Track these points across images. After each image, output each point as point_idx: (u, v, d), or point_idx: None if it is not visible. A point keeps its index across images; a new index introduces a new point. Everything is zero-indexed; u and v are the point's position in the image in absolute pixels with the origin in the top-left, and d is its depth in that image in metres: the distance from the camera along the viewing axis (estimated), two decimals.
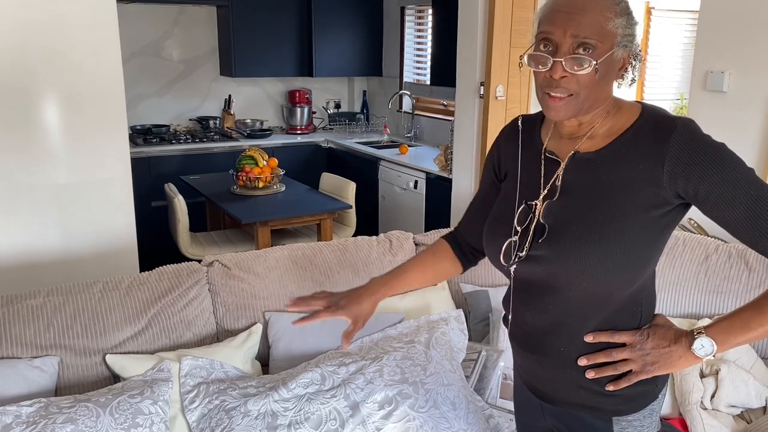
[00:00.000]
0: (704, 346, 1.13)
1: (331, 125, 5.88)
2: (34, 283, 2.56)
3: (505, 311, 1.36)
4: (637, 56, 1.18)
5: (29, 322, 1.91)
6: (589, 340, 1.20)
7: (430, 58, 4.78)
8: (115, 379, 1.96)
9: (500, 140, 1.38)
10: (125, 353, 1.98)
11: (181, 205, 3.70)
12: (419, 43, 5.40)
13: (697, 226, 2.71)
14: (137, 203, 3.05)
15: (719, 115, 2.71)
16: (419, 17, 5.37)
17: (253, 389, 1.89)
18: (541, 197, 1.23)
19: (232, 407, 1.81)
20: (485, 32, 3.66)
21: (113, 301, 2.03)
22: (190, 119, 5.41)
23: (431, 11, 4.60)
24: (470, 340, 2.28)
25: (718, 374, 2.08)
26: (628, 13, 1.14)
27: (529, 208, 1.25)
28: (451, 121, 4.45)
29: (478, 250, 1.46)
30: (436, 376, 1.97)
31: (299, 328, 2.14)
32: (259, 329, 2.15)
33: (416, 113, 5.43)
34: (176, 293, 2.11)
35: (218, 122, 5.40)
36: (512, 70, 3.70)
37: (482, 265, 1.52)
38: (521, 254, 1.23)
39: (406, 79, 5.58)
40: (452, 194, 4.06)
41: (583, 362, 1.21)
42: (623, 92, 1.17)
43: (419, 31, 5.39)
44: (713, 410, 2.06)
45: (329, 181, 4.33)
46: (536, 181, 1.25)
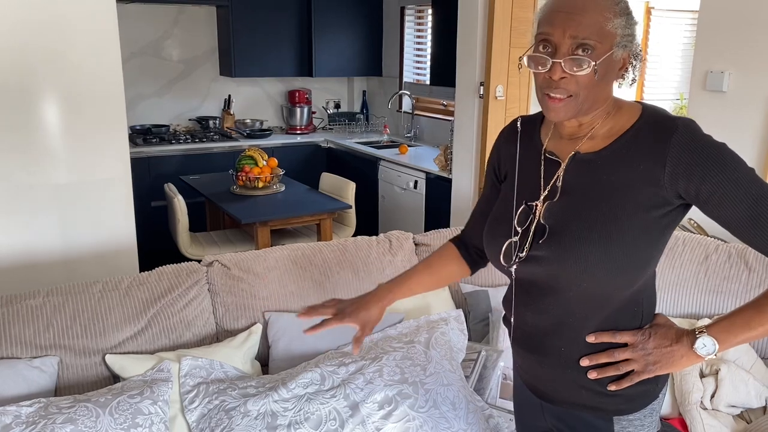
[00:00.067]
0: (706, 345, 1.13)
1: (330, 125, 5.88)
2: (33, 283, 2.56)
3: (505, 311, 1.36)
4: (637, 56, 1.18)
5: (29, 322, 1.91)
6: (590, 340, 1.20)
7: (429, 58, 4.78)
8: (114, 379, 1.96)
9: (500, 142, 1.38)
10: (125, 353, 1.98)
11: (180, 205, 3.70)
12: (419, 43, 5.40)
13: (696, 226, 2.71)
14: (137, 203, 3.05)
15: (719, 115, 2.71)
16: (419, 17, 5.37)
17: (252, 389, 1.89)
18: (541, 198, 1.23)
19: (231, 407, 1.81)
20: (485, 32, 3.66)
21: (113, 301, 2.03)
22: (189, 119, 5.41)
23: (431, 11, 4.60)
24: (470, 340, 2.28)
25: (717, 374, 2.08)
26: (627, 13, 1.14)
27: (529, 208, 1.25)
28: (450, 121, 4.45)
29: (484, 252, 1.47)
30: (435, 376, 1.97)
31: (299, 328, 2.15)
32: (258, 329, 2.15)
33: (416, 113, 5.43)
34: (176, 293, 2.11)
35: (218, 122, 5.40)
36: (512, 70, 3.70)
37: None
38: (521, 255, 1.23)
39: (405, 79, 5.58)
40: (452, 194, 4.06)
41: (585, 363, 1.21)
42: (623, 92, 1.17)
43: (419, 31, 5.39)
44: (713, 410, 2.06)
45: (329, 181, 4.33)
46: (536, 181, 1.25)
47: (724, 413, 2.05)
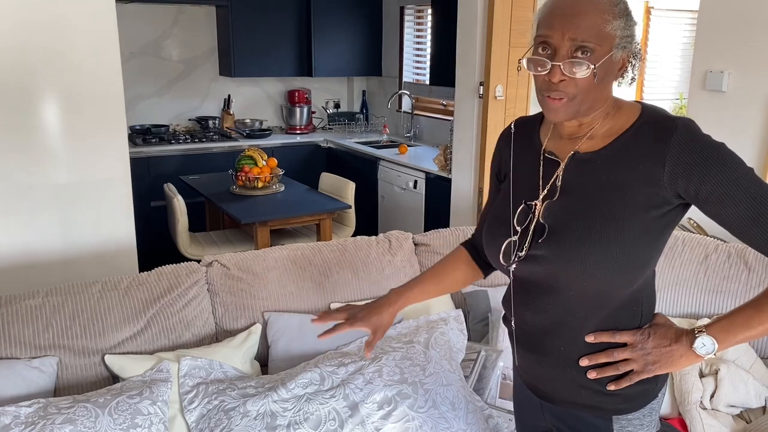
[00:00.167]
0: (705, 344, 1.13)
1: (330, 125, 5.88)
2: (33, 283, 2.56)
3: (505, 311, 1.36)
4: (636, 55, 1.18)
5: (28, 322, 1.91)
6: (590, 340, 1.20)
7: (429, 57, 4.78)
8: (114, 379, 1.95)
9: (500, 144, 1.39)
10: (124, 353, 1.98)
11: (180, 205, 3.70)
12: (418, 42, 5.40)
13: (696, 225, 2.71)
14: (136, 203, 3.04)
15: (718, 114, 2.71)
16: (418, 17, 5.37)
17: (252, 389, 1.88)
18: (540, 197, 1.23)
19: (231, 407, 1.81)
20: (484, 32, 3.66)
21: (112, 301, 2.03)
22: (189, 119, 5.41)
23: (430, 11, 4.60)
24: (469, 340, 2.28)
25: (717, 374, 2.08)
26: (626, 14, 1.14)
27: (528, 208, 1.25)
28: (450, 120, 4.44)
29: None
30: (435, 376, 1.97)
31: (298, 328, 2.16)
32: (258, 329, 2.15)
33: (416, 113, 5.43)
34: (175, 293, 2.10)
35: (217, 122, 5.40)
36: (511, 69, 3.70)
37: None
38: (521, 254, 1.23)
39: (405, 78, 5.58)
40: (452, 194, 4.06)
41: (584, 363, 1.21)
42: (622, 91, 1.17)
43: (418, 30, 5.39)
44: (712, 410, 2.06)
45: (328, 181, 4.33)
46: (536, 181, 1.26)
47: (723, 413, 2.05)
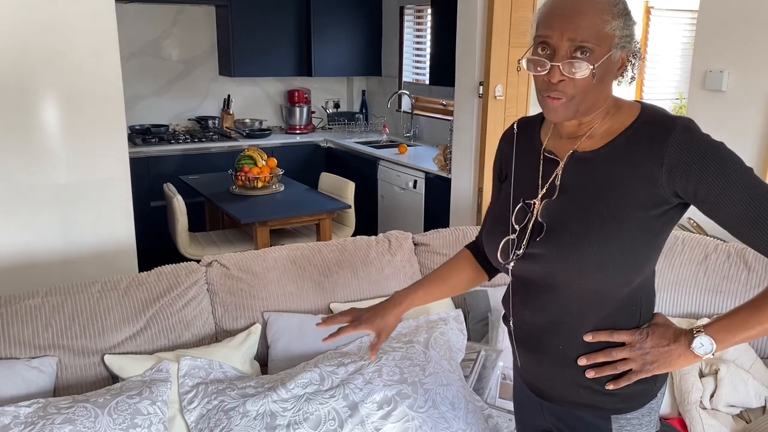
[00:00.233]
0: (704, 344, 1.13)
1: (330, 125, 5.88)
2: (33, 283, 2.56)
3: (504, 310, 1.36)
4: (636, 55, 1.18)
5: (27, 322, 1.91)
6: (588, 339, 1.20)
7: (429, 57, 4.78)
8: (113, 379, 1.95)
9: (502, 144, 1.40)
10: (124, 353, 1.98)
11: (180, 205, 3.70)
12: (418, 42, 5.40)
13: (696, 225, 2.71)
14: (136, 203, 3.04)
15: (718, 114, 2.71)
16: (418, 17, 5.37)
17: (251, 389, 1.88)
18: (539, 196, 1.24)
19: (230, 407, 1.81)
20: (484, 32, 3.66)
21: (112, 301, 2.03)
22: (189, 119, 5.41)
23: (430, 11, 4.60)
24: (469, 339, 2.28)
25: (717, 374, 2.08)
26: (625, 14, 1.14)
27: (527, 206, 1.25)
28: (450, 120, 4.44)
29: None
30: (435, 376, 1.97)
31: (298, 328, 2.16)
32: (257, 329, 2.15)
33: (415, 113, 5.43)
34: (175, 293, 2.10)
35: (217, 122, 5.40)
36: (511, 69, 3.70)
37: None
38: (519, 252, 1.23)
39: (405, 78, 5.58)
40: (451, 194, 4.06)
41: (582, 362, 1.21)
42: (622, 90, 1.17)
43: (418, 30, 5.38)
44: (712, 410, 2.06)
45: (328, 180, 4.33)
46: (535, 180, 1.26)
47: (723, 413, 2.05)
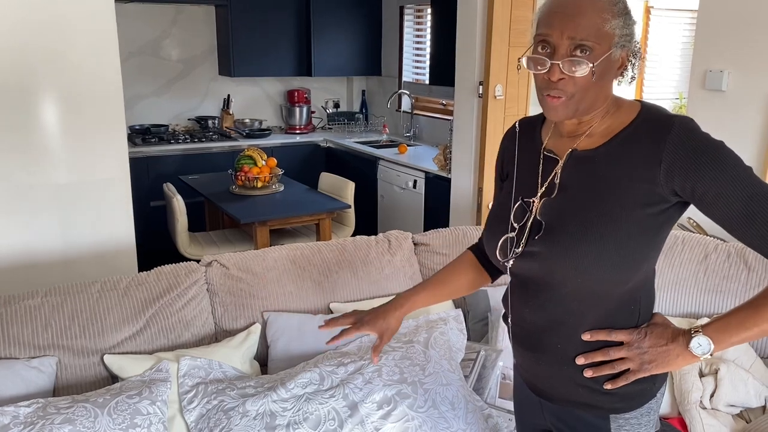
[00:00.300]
0: (701, 344, 1.12)
1: (330, 125, 5.88)
2: (33, 283, 2.56)
3: (504, 309, 1.37)
4: (636, 54, 1.18)
5: (27, 322, 1.91)
6: (586, 338, 1.20)
7: (429, 57, 4.78)
8: (113, 379, 1.95)
9: (504, 143, 1.40)
10: (123, 353, 1.97)
11: (179, 205, 3.70)
12: (418, 42, 5.40)
13: (696, 225, 2.71)
14: (136, 203, 3.04)
15: (718, 114, 2.71)
16: (418, 16, 5.36)
17: (251, 389, 1.88)
18: (538, 194, 1.24)
19: (230, 407, 1.81)
20: (484, 31, 3.66)
21: (111, 301, 2.03)
22: (188, 119, 5.41)
23: (430, 10, 4.60)
24: (469, 339, 2.28)
25: (717, 374, 2.08)
26: (626, 13, 1.14)
27: (526, 205, 1.26)
28: (450, 120, 4.44)
29: None
30: (434, 375, 1.96)
31: (298, 328, 2.16)
32: (257, 329, 2.15)
33: (415, 113, 5.43)
34: (174, 293, 2.10)
35: (217, 122, 5.40)
36: (511, 69, 3.70)
37: None
38: (517, 250, 1.24)
39: (405, 78, 5.58)
40: (451, 193, 4.06)
41: (580, 361, 1.21)
42: (622, 90, 1.18)
43: (418, 30, 5.38)
44: (712, 410, 2.06)
45: (328, 180, 4.32)
46: (535, 179, 1.26)
47: (723, 413, 2.05)
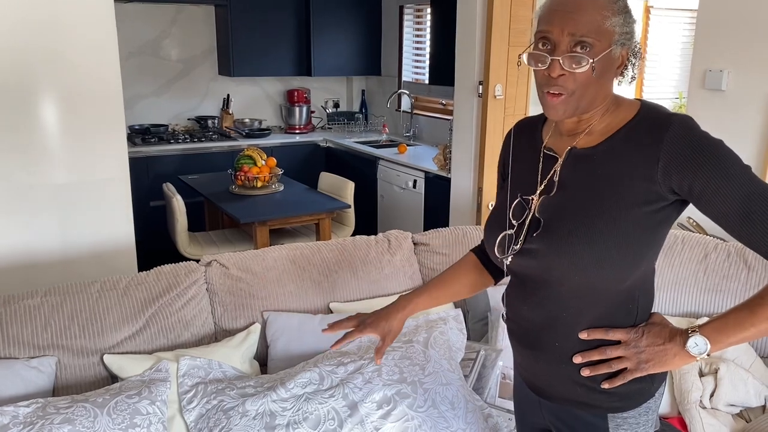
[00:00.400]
0: (698, 344, 1.12)
1: (329, 124, 5.88)
2: (32, 282, 2.55)
3: (504, 307, 1.37)
4: (636, 54, 1.19)
5: (27, 322, 1.91)
6: (583, 336, 1.20)
7: (428, 57, 4.77)
8: (112, 379, 1.95)
9: (506, 142, 1.41)
10: (123, 353, 1.97)
11: (179, 204, 3.70)
12: (418, 42, 5.40)
13: (696, 224, 2.71)
14: (135, 203, 3.04)
15: (718, 113, 2.71)
16: (418, 16, 5.36)
17: (251, 389, 1.88)
18: (537, 192, 1.25)
19: (230, 407, 1.81)
20: (484, 31, 3.66)
21: (111, 301, 2.02)
22: (188, 119, 5.41)
23: (430, 10, 4.60)
24: (469, 339, 2.28)
25: (717, 373, 2.08)
26: (625, 11, 1.15)
27: (525, 202, 1.26)
28: (449, 120, 4.44)
29: None
30: (434, 375, 1.96)
31: (297, 327, 2.15)
32: (257, 329, 2.15)
33: (415, 112, 5.43)
34: (174, 293, 2.10)
35: (217, 122, 5.39)
36: (511, 68, 3.70)
37: None
38: (515, 247, 1.24)
39: (404, 78, 5.58)
40: (451, 193, 4.06)
41: (577, 359, 1.21)
42: (622, 89, 1.18)
43: (418, 30, 5.38)
44: (712, 409, 2.06)
45: (328, 180, 4.32)
46: (534, 177, 1.27)
47: (723, 412, 2.05)
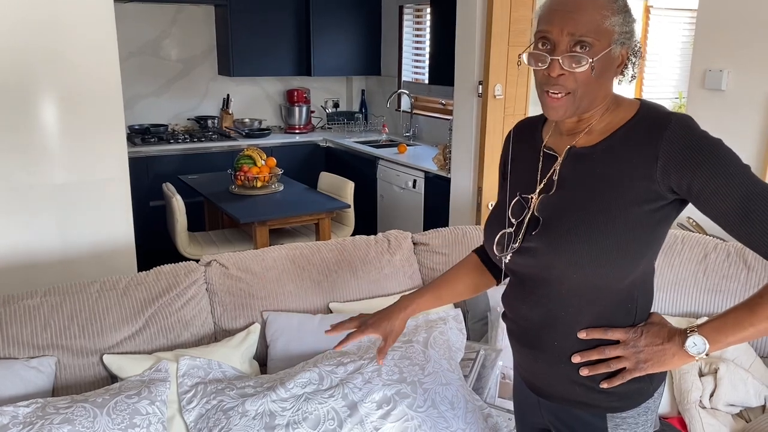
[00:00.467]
0: (696, 344, 1.12)
1: (329, 124, 5.87)
2: (32, 282, 2.55)
3: (504, 307, 1.37)
4: (636, 53, 1.19)
5: (26, 322, 1.91)
6: (582, 336, 1.20)
7: (428, 57, 4.77)
8: (112, 379, 1.95)
9: (507, 142, 1.41)
10: (122, 353, 1.97)
11: (179, 204, 3.69)
12: (417, 42, 5.40)
13: (695, 224, 2.71)
14: (135, 203, 3.04)
15: (718, 113, 2.71)
16: (417, 16, 5.36)
17: (250, 389, 1.88)
18: (536, 191, 1.25)
19: (229, 407, 1.81)
20: (483, 31, 3.65)
21: (111, 301, 2.02)
22: (188, 119, 5.40)
23: (429, 10, 4.60)
24: (469, 339, 2.28)
25: (716, 373, 2.08)
26: (625, 10, 1.15)
27: (524, 201, 1.27)
28: (449, 120, 4.44)
29: None
30: (434, 375, 1.96)
31: (297, 327, 2.15)
32: (257, 329, 2.15)
33: (415, 112, 5.43)
34: (174, 293, 2.10)
35: (216, 122, 5.39)
36: (511, 68, 3.70)
37: None
38: (514, 246, 1.24)
39: (404, 78, 5.57)
40: (451, 193, 4.06)
41: (576, 359, 1.21)
42: (622, 89, 1.18)
43: (417, 30, 5.38)
44: (712, 409, 2.06)
45: (328, 180, 4.32)
46: (534, 176, 1.27)
47: (723, 412, 2.05)
